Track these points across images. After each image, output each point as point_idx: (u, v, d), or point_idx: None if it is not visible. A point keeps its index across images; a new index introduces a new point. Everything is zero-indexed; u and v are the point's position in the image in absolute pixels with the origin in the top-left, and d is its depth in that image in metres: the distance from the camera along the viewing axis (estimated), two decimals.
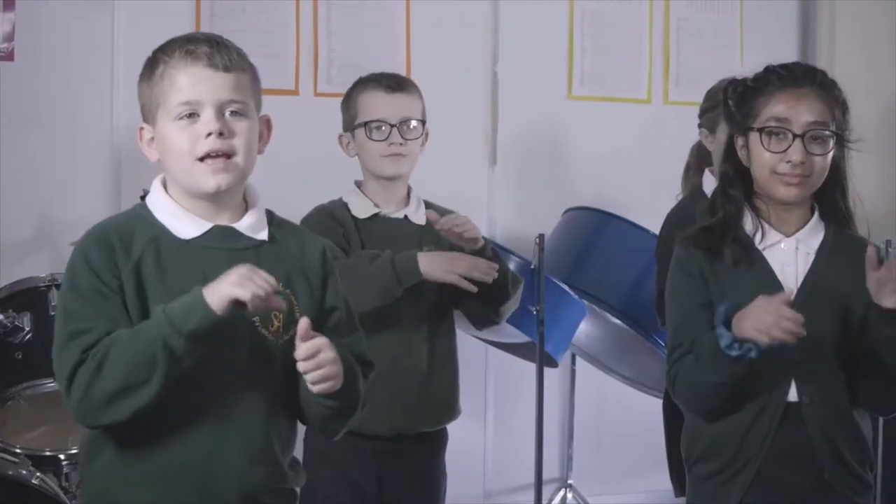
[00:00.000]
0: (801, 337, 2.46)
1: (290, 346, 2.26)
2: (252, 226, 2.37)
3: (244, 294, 2.18)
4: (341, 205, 3.37)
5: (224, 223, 2.35)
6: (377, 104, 3.34)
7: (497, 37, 5.07)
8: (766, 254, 2.68)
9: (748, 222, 2.70)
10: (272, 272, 2.26)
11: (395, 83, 3.38)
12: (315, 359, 2.24)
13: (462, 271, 3.17)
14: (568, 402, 5.11)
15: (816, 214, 2.73)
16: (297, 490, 2.45)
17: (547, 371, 4.64)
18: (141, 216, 2.37)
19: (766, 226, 2.70)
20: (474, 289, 3.18)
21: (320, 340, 2.25)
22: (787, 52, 5.46)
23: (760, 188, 2.70)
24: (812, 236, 2.72)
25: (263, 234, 2.39)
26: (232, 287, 2.18)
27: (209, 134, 2.28)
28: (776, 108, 2.65)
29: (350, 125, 3.40)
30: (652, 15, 5.29)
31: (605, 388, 5.00)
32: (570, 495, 5.05)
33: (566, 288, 4.29)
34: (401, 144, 3.33)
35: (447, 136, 4.95)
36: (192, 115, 2.29)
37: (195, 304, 2.19)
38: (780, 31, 5.52)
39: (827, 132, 2.66)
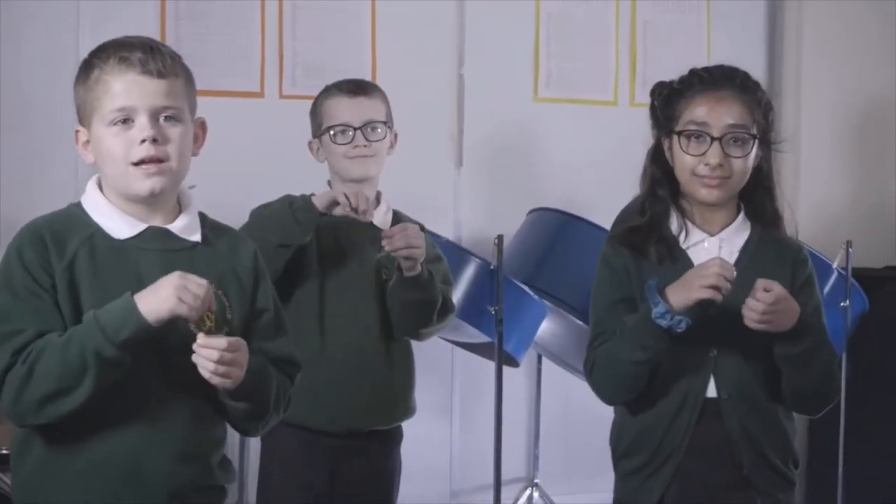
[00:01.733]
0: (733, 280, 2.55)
1: None
2: (185, 227, 2.41)
3: (184, 311, 2.22)
4: (308, 199, 3.42)
5: (158, 224, 2.39)
6: (340, 109, 3.40)
7: (463, 39, 5.09)
8: (689, 252, 2.74)
9: (674, 222, 2.76)
10: (206, 274, 2.31)
11: (357, 87, 3.45)
12: (232, 354, 2.27)
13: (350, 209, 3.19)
14: (534, 402, 5.13)
15: (742, 215, 2.78)
16: (227, 487, 2.48)
17: (513, 371, 4.68)
18: (76, 215, 2.40)
19: (691, 225, 2.75)
20: (351, 213, 3.20)
21: (234, 343, 2.29)
22: (753, 54, 5.50)
23: (684, 189, 2.74)
24: (736, 236, 2.76)
25: (197, 236, 2.42)
26: (170, 304, 2.22)
27: (143, 140, 2.31)
28: (696, 111, 2.70)
29: (317, 132, 3.46)
30: (618, 17, 5.30)
31: (572, 387, 5.02)
32: (535, 494, 5.08)
33: (526, 288, 4.32)
34: (365, 146, 3.37)
35: (413, 137, 4.95)
36: (127, 121, 2.33)
37: (129, 315, 2.22)
38: (747, 32, 5.52)
39: (746, 135, 2.69)
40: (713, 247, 2.74)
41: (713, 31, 5.43)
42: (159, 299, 2.22)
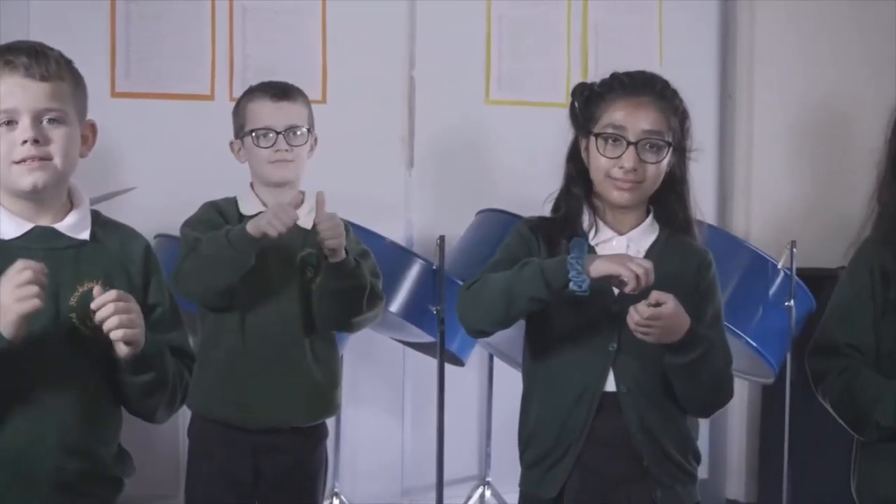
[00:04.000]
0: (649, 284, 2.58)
1: (109, 340, 2.36)
2: (74, 226, 2.48)
3: (11, 332, 2.27)
4: (232, 201, 3.49)
5: (46, 224, 2.46)
6: (264, 112, 3.44)
7: (414, 41, 5.13)
8: (598, 249, 2.78)
9: (586, 219, 2.81)
10: (92, 270, 2.43)
11: (281, 92, 3.47)
12: (116, 304, 2.32)
13: (283, 223, 3.19)
14: (486, 401, 5.17)
15: (650, 217, 2.83)
16: (124, 480, 2.55)
17: (465, 369, 4.73)
18: None
19: (601, 223, 2.81)
20: (274, 234, 3.19)
21: (123, 293, 2.35)
22: (706, 56, 5.55)
23: (597, 189, 2.80)
24: (644, 237, 2.81)
25: (85, 234, 2.50)
26: (9, 330, 2.26)
27: (24, 141, 2.38)
28: (615, 115, 2.76)
29: (239, 133, 3.51)
30: (570, 18, 5.33)
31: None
32: (487, 493, 5.12)
33: None
34: (287, 151, 3.41)
35: (364, 139, 5.03)
36: (11, 123, 2.39)
37: None
38: (700, 34, 5.56)
39: (661, 141, 2.75)
40: (621, 245, 2.79)
41: (665, 32, 5.47)
42: (5, 322, 2.27)
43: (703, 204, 5.30)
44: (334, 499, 4.89)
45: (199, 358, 3.29)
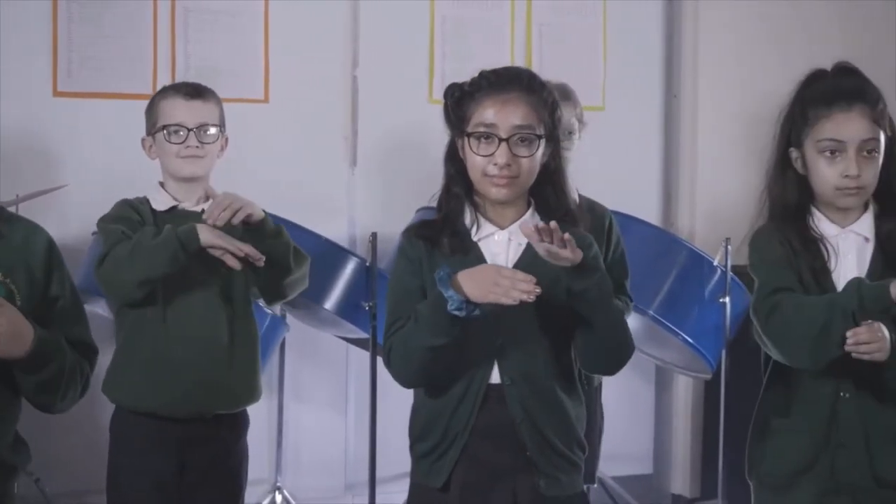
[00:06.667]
0: (538, 294, 2.62)
1: None
2: None
3: None
4: (143, 200, 3.56)
5: None
6: (176, 110, 3.53)
7: (357, 41, 5.17)
8: (480, 245, 2.84)
9: (468, 216, 2.87)
10: None
11: (194, 91, 3.57)
12: None
13: (231, 248, 3.29)
14: None
15: (531, 210, 2.88)
16: (18, 467, 2.65)
17: None
18: None
19: (483, 219, 2.86)
20: (238, 265, 3.31)
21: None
22: (650, 56, 5.59)
23: (476, 187, 2.86)
24: None
25: None
26: None
27: None
28: (485, 113, 2.80)
29: (151, 129, 3.59)
30: (514, 20, 5.37)
31: None
32: None
33: None
34: (197, 147, 3.50)
35: (307, 138, 5.08)
36: None
37: None
38: (644, 34, 5.61)
39: (532, 135, 2.79)
40: (503, 240, 2.84)
41: (609, 32, 5.52)
42: None
43: (648, 203, 5.46)
44: (277, 493, 4.94)
45: (122, 351, 3.39)
